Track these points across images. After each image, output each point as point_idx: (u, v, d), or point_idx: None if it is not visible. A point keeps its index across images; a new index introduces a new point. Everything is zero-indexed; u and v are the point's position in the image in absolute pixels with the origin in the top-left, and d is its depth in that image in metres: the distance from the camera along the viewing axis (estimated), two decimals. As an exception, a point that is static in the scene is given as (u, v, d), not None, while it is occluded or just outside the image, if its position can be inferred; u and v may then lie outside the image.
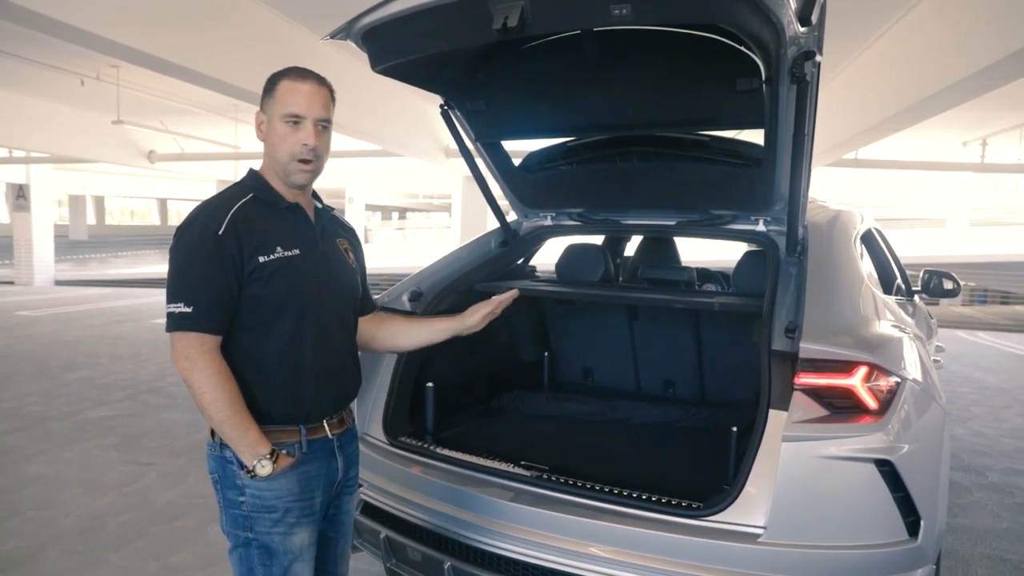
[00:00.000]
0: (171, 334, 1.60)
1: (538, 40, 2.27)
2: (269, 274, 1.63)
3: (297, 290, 1.68)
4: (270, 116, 1.69)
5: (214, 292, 1.58)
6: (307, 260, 1.70)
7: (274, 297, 1.64)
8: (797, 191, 2.12)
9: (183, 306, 1.56)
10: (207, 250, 1.58)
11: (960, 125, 12.04)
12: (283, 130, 1.67)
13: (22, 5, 4.63)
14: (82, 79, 9.80)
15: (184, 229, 1.63)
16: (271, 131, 1.69)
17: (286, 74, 1.70)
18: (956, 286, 3.81)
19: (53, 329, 9.62)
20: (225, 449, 1.65)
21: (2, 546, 3.24)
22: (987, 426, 5.65)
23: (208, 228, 1.59)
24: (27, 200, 16.72)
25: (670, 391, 3.37)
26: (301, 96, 1.67)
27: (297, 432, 1.70)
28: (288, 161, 1.68)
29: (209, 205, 1.65)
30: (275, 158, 1.70)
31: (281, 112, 1.66)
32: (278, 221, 1.69)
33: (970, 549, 3.40)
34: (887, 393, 1.84)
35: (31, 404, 5.67)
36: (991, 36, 5.48)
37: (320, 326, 1.72)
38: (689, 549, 1.83)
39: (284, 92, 1.67)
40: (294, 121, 1.66)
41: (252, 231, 1.63)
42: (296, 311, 1.67)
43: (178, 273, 1.60)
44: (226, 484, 1.67)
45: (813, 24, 1.67)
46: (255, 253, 1.62)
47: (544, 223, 3.11)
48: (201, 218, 1.62)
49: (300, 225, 1.74)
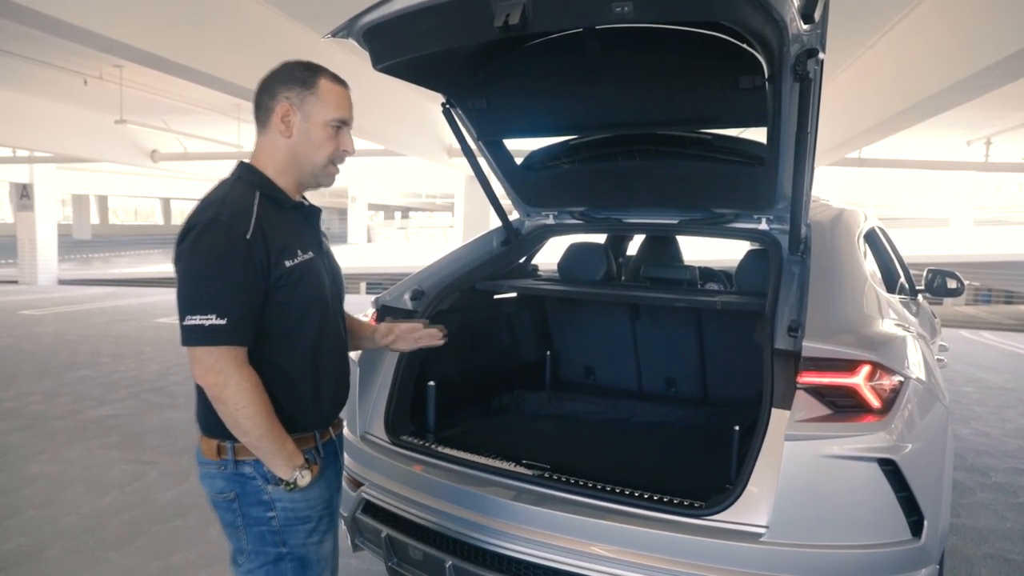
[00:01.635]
0: (194, 348, 1.47)
1: (540, 38, 2.26)
2: (296, 280, 1.56)
3: (319, 295, 1.64)
4: (309, 115, 1.60)
5: (247, 301, 1.49)
6: (319, 262, 1.66)
7: (299, 303, 1.58)
8: (800, 189, 2.11)
9: (215, 318, 1.44)
10: (237, 255, 1.47)
11: (964, 124, 12.02)
12: (326, 134, 1.61)
13: (26, 5, 4.64)
14: (85, 79, 9.83)
15: (203, 231, 1.49)
16: (310, 132, 1.60)
17: (322, 72, 1.63)
18: (960, 285, 3.80)
19: (56, 328, 9.63)
20: (242, 466, 1.57)
21: (4, 545, 3.24)
22: (991, 426, 5.64)
23: (234, 230, 1.48)
24: (31, 199, 16.79)
25: (672, 390, 3.36)
26: (347, 101, 1.65)
27: (313, 438, 1.66)
28: (325, 165, 1.64)
29: (227, 203, 1.53)
30: (307, 159, 1.62)
31: (329, 116, 1.61)
32: (288, 222, 1.63)
33: (974, 549, 3.39)
34: (890, 392, 1.83)
35: (33, 403, 5.68)
36: (993, 36, 5.47)
37: (336, 329, 1.71)
38: (691, 548, 1.82)
39: (330, 94, 1.61)
40: (338, 126, 1.63)
41: (276, 234, 1.55)
42: (318, 317, 1.63)
43: (203, 280, 1.47)
44: (248, 502, 1.58)
45: (816, 21, 1.67)
46: (281, 258, 1.54)
47: (546, 222, 3.10)
48: (223, 219, 1.49)
49: (306, 225, 1.69)
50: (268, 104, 1.61)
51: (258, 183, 1.60)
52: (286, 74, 1.61)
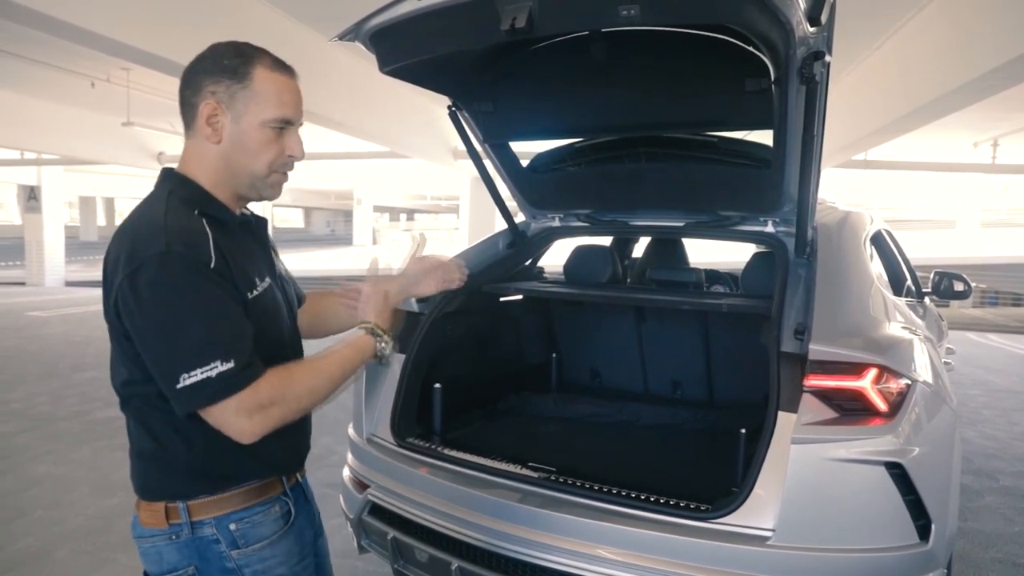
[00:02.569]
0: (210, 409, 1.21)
1: (546, 41, 2.27)
2: (259, 314, 1.31)
3: (280, 330, 1.40)
4: (240, 115, 1.30)
5: (244, 329, 1.24)
6: (274, 289, 1.41)
7: (263, 343, 1.29)
8: (806, 192, 2.11)
9: (220, 364, 1.18)
10: (211, 286, 1.21)
11: (970, 126, 11.97)
12: (263, 137, 1.31)
13: (33, 8, 4.67)
14: (92, 81, 9.87)
15: (158, 269, 1.18)
16: (244, 135, 1.31)
17: (257, 59, 1.31)
18: (966, 288, 3.78)
19: (63, 330, 9.67)
20: (201, 528, 1.31)
21: (11, 545, 3.25)
22: (998, 429, 5.61)
23: (195, 261, 1.20)
24: (38, 201, 16.88)
25: (678, 393, 3.35)
26: (291, 94, 1.34)
27: (279, 483, 1.41)
28: (267, 174, 1.34)
29: (171, 230, 1.21)
30: (242, 168, 1.33)
31: (267, 115, 1.31)
32: (239, 244, 1.34)
33: (981, 553, 3.37)
34: (897, 395, 1.82)
35: (40, 404, 5.70)
36: (998, 38, 5.46)
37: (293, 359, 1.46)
38: (697, 551, 1.82)
39: (267, 87, 1.30)
40: (280, 127, 1.33)
41: (234, 260, 1.28)
42: (281, 353, 1.36)
43: (186, 326, 1.19)
44: (211, 572, 1.32)
45: (823, 24, 1.66)
46: (243, 288, 1.29)
47: (552, 224, 3.10)
48: (177, 249, 1.19)
49: (256, 245, 1.42)
50: (192, 101, 1.32)
51: (194, 199, 1.30)
52: (212, 62, 1.31)
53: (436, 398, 2.63)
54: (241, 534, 1.33)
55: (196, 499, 1.32)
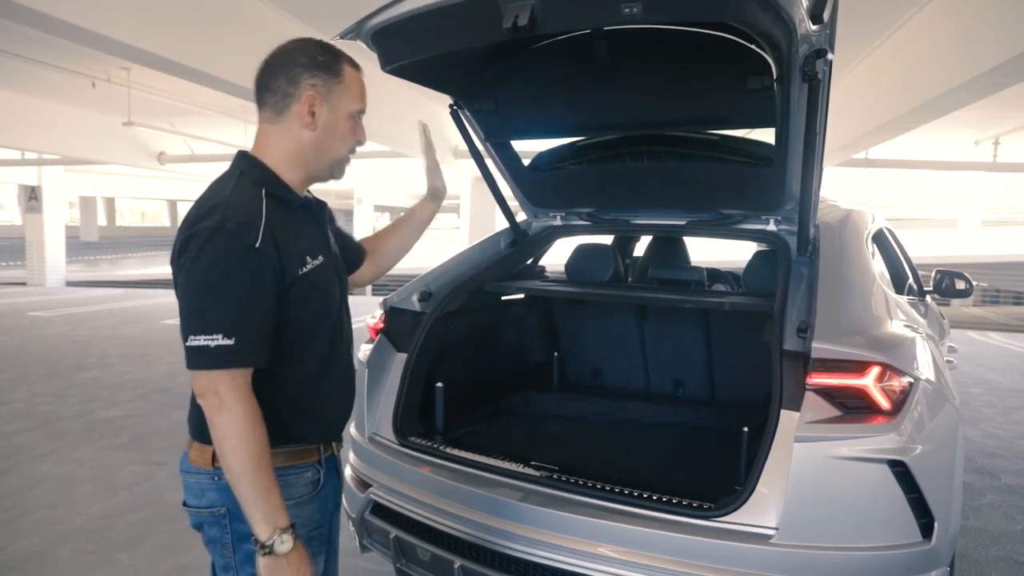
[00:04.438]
0: (196, 372, 1.32)
1: (548, 39, 2.26)
2: (308, 290, 1.43)
3: (330, 305, 1.52)
4: (335, 106, 1.46)
5: (259, 318, 1.34)
6: (329, 267, 1.53)
7: (310, 316, 1.45)
8: (808, 190, 2.11)
9: (221, 338, 1.28)
10: (246, 267, 1.32)
11: (972, 124, 11.96)
12: (349, 126, 1.50)
13: (34, 8, 4.67)
14: (93, 81, 9.88)
15: (206, 242, 1.32)
16: (334, 123, 1.47)
17: (344, 57, 1.49)
18: (968, 286, 3.78)
19: (64, 330, 9.68)
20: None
21: (14, 545, 3.26)
22: (1000, 427, 5.61)
23: (242, 240, 1.32)
24: (39, 202, 16.88)
25: (680, 391, 3.35)
26: (364, 90, 1.52)
27: (317, 451, 1.53)
28: (344, 157, 1.53)
29: (232, 207, 1.35)
30: (329, 153, 1.49)
31: (354, 107, 1.50)
32: (297, 223, 1.47)
33: (984, 551, 3.37)
34: (900, 393, 1.82)
35: (42, 404, 5.71)
36: (999, 36, 5.45)
37: (347, 339, 1.60)
38: (700, 550, 1.82)
39: (354, 82, 1.49)
40: (359, 117, 1.52)
41: (287, 239, 1.39)
42: (329, 328, 1.51)
43: (207, 296, 1.32)
44: (240, 517, 1.39)
45: (825, 22, 1.66)
46: (294, 266, 1.40)
47: (554, 223, 3.10)
48: (229, 227, 1.32)
49: (314, 225, 1.55)
50: (288, 91, 1.44)
51: (264, 179, 1.44)
52: (307, 57, 1.45)
53: (438, 397, 2.63)
54: None
55: None
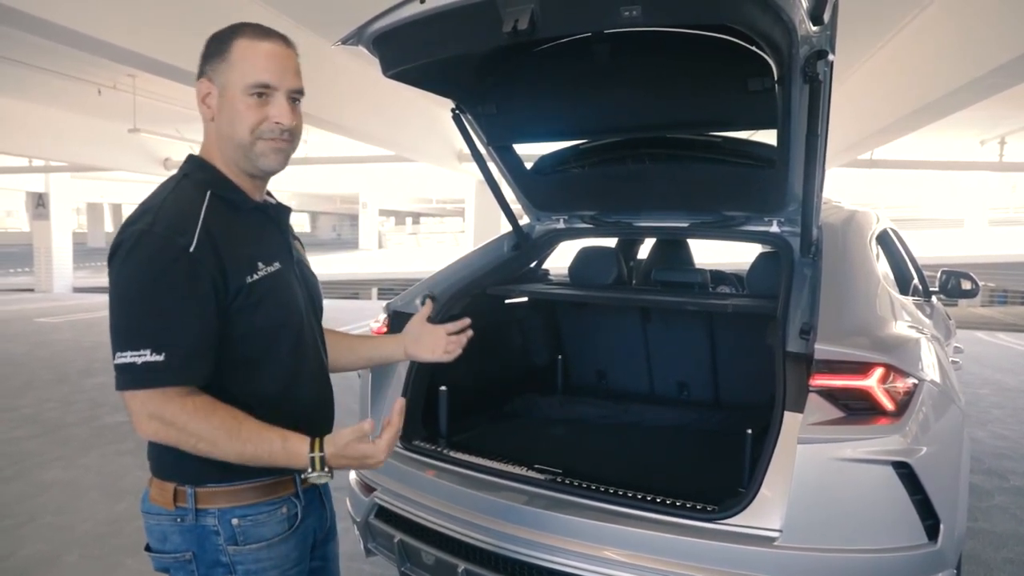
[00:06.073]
0: (124, 393, 1.20)
1: (549, 43, 2.27)
2: (258, 298, 1.30)
3: (291, 313, 1.38)
4: (224, 86, 1.32)
5: (197, 330, 1.22)
6: (289, 274, 1.40)
7: (265, 327, 1.32)
8: (811, 192, 2.10)
9: (149, 353, 1.17)
10: (177, 273, 1.20)
11: (977, 124, 11.92)
12: (245, 103, 1.31)
13: (39, 16, 4.70)
14: (99, 88, 9.93)
15: (134, 247, 1.21)
16: (226, 106, 1.32)
17: (240, 31, 1.34)
18: (974, 286, 3.76)
19: (71, 335, 9.72)
20: (205, 516, 1.30)
21: (21, 550, 3.27)
22: (1009, 428, 5.57)
23: (172, 243, 1.21)
24: (46, 208, 17.02)
25: (684, 394, 3.35)
26: (269, 61, 1.32)
27: (292, 483, 1.37)
28: (252, 141, 1.32)
29: (165, 210, 1.25)
30: (229, 138, 1.33)
31: (246, 81, 1.30)
32: (247, 226, 1.36)
33: (992, 554, 3.35)
34: (904, 394, 1.81)
35: (49, 410, 5.73)
36: (1002, 36, 5.44)
37: (315, 352, 1.46)
38: (704, 552, 1.82)
39: (245, 54, 1.32)
40: (260, 94, 1.31)
41: (230, 243, 1.28)
42: (292, 339, 1.37)
43: (134, 307, 1.21)
44: (206, 562, 1.30)
45: (825, 23, 1.66)
46: (239, 272, 1.28)
47: (557, 226, 3.11)
48: (158, 230, 1.21)
49: (270, 230, 1.42)
50: (196, 87, 1.38)
51: (211, 181, 1.34)
52: (206, 46, 1.36)
53: (442, 401, 2.64)
54: (242, 531, 1.32)
55: (205, 486, 1.30)
